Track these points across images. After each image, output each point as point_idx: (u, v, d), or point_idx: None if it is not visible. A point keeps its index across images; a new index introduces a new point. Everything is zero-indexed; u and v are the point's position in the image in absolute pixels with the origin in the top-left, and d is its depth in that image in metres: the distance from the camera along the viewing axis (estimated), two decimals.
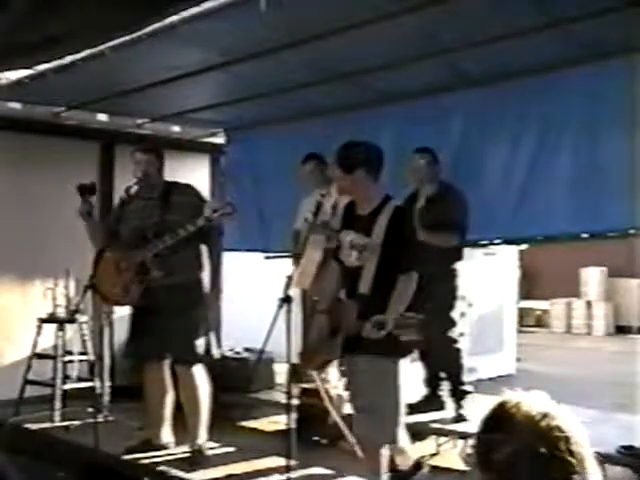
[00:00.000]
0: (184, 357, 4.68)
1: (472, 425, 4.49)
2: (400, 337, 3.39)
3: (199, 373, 4.69)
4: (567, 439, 1.30)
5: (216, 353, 4.80)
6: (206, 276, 4.66)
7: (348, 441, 3.91)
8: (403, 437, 3.85)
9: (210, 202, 4.36)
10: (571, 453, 1.29)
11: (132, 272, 4.57)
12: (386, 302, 3.52)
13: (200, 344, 4.65)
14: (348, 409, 4.23)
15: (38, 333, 5.85)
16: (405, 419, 3.82)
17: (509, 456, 1.30)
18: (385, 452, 3.79)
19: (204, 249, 4.69)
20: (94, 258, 4.60)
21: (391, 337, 3.56)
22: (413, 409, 5.00)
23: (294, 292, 3.89)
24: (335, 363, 4.43)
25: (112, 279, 4.61)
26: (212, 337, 4.78)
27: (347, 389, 4.04)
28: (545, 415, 1.32)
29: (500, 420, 1.35)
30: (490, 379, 7.59)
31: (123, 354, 5.30)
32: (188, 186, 4.81)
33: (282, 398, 5.00)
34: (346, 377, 4.07)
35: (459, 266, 5.03)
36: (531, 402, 1.35)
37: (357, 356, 3.70)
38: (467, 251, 5.12)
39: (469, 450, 1.39)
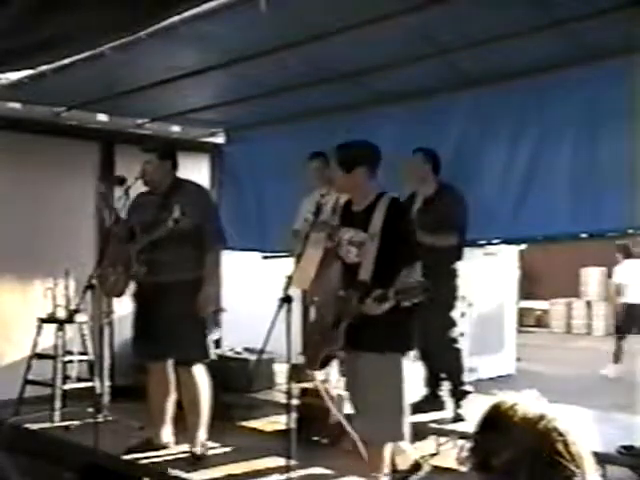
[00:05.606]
0: (185, 357, 4.68)
1: (471, 425, 4.49)
2: (402, 303, 3.38)
3: (200, 373, 4.69)
4: (565, 441, 1.30)
5: (213, 354, 4.77)
6: (206, 276, 4.65)
7: (350, 440, 3.90)
8: (407, 435, 3.84)
9: (181, 205, 4.34)
10: (570, 454, 1.29)
11: (122, 266, 4.63)
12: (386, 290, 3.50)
13: (201, 344, 4.65)
14: (348, 409, 4.22)
15: (38, 333, 5.84)
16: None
17: (508, 459, 1.30)
18: (388, 451, 3.79)
19: (204, 249, 4.67)
20: (100, 248, 4.66)
21: (394, 331, 3.58)
22: (413, 409, 5.01)
23: (294, 292, 3.89)
24: (335, 363, 4.42)
25: (109, 271, 4.68)
26: (212, 337, 4.78)
27: (347, 389, 4.03)
28: (542, 417, 1.32)
29: (497, 423, 1.35)
30: (490, 379, 7.60)
31: (131, 353, 5.30)
32: (196, 186, 4.81)
33: (282, 398, 5.01)
34: (346, 376, 4.05)
35: (459, 266, 5.03)
36: (527, 404, 1.35)
37: (359, 352, 3.70)
38: (467, 251, 5.12)
39: (465, 453, 1.39)
